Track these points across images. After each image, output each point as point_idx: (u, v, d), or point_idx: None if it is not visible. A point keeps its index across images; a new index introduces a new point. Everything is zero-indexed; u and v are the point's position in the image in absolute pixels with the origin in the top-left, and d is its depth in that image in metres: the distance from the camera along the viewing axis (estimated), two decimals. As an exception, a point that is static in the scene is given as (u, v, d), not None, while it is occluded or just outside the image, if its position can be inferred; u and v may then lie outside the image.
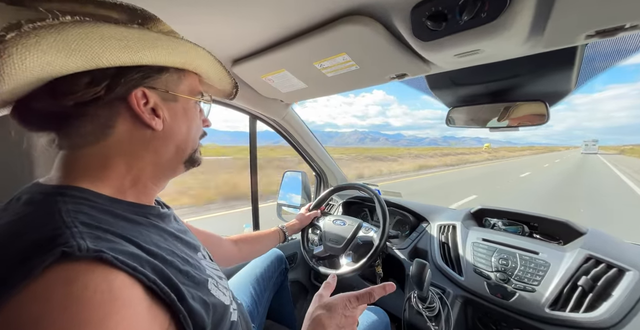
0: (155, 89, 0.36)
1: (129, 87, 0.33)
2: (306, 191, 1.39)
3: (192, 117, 0.41)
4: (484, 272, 0.79)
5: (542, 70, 0.69)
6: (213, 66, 0.42)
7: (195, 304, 0.31)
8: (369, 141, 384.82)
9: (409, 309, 0.84)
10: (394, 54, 0.62)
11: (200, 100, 0.43)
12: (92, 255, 0.24)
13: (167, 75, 0.37)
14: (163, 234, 0.36)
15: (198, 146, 0.44)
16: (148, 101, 0.35)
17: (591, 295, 0.62)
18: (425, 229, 1.05)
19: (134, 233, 0.31)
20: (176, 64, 0.37)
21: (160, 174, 0.40)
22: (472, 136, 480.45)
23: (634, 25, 0.42)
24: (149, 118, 0.35)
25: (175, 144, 0.39)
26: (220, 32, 0.62)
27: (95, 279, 0.23)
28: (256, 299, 0.82)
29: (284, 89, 0.90)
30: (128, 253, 0.27)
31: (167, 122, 0.37)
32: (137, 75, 0.33)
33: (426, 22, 0.48)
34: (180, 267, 0.33)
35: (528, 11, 0.43)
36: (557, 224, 0.84)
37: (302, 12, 0.54)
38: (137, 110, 0.34)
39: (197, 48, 0.37)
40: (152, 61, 0.33)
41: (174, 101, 0.38)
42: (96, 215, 0.30)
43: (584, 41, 0.48)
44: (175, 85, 0.38)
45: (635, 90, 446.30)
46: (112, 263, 0.25)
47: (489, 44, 0.51)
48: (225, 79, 0.47)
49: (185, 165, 0.42)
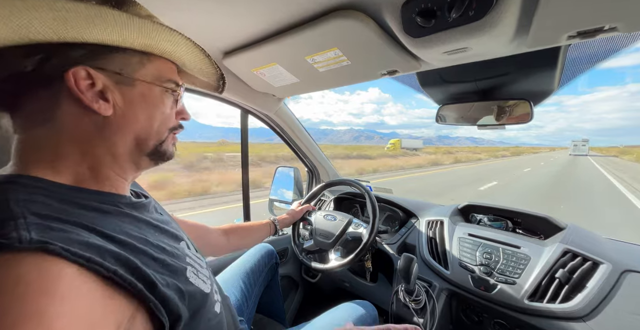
0: (104, 69, 0.32)
1: (65, 64, 0.30)
2: (298, 187, 1.39)
3: (155, 105, 0.38)
4: (469, 266, 0.81)
5: (527, 70, 0.71)
6: (190, 54, 0.39)
7: (168, 291, 0.30)
8: (364, 139, 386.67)
9: (396, 302, 0.86)
10: (385, 49, 0.62)
11: (164, 87, 0.38)
12: (33, 247, 0.23)
13: (122, 56, 0.34)
14: (136, 223, 0.35)
15: (166, 138, 0.40)
16: (95, 83, 0.32)
17: (567, 287, 0.66)
18: (414, 224, 1.07)
19: (99, 222, 0.30)
20: (135, 45, 0.34)
21: (123, 165, 0.37)
22: (466, 135, 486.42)
23: (613, 27, 0.44)
24: (91, 100, 0.32)
25: (133, 133, 0.36)
26: (211, 24, 0.61)
27: (26, 271, 0.22)
28: (246, 293, 0.82)
29: (276, 83, 0.90)
30: (84, 243, 0.26)
31: (118, 107, 0.34)
32: (78, 53, 0.31)
33: (416, 18, 0.49)
34: (154, 255, 0.32)
35: (513, 11, 0.44)
36: (538, 220, 0.88)
37: (293, 5, 0.53)
38: (74, 90, 0.31)
39: (171, 32, 0.34)
40: (98, 39, 0.31)
41: (129, 85, 0.35)
42: (53, 205, 0.28)
43: (567, 42, 0.50)
44: (132, 68, 0.35)
45: (625, 93, 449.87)
46: (59, 254, 0.24)
47: (477, 42, 0.52)
48: (207, 69, 0.43)
49: (151, 158, 0.39)
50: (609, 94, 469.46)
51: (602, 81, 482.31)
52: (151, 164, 0.40)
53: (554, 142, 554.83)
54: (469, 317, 0.83)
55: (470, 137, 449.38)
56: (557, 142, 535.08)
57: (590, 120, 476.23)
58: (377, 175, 13.45)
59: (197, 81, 0.47)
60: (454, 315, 0.87)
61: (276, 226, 0.92)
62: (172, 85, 0.39)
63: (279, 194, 1.42)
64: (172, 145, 0.42)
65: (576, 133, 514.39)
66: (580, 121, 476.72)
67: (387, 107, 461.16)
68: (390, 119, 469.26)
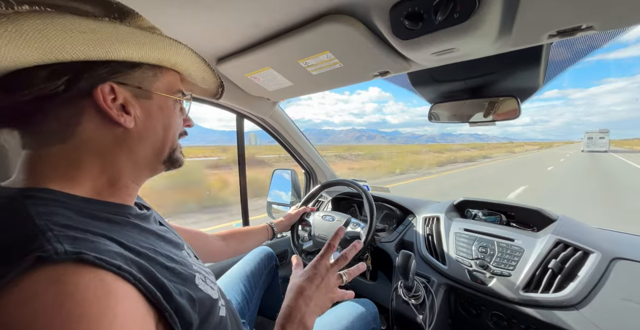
0: (126, 84, 0.34)
1: (93, 82, 0.31)
2: (296, 189, 1.40)
3: (169, 115, 0.40)
4: (465, 260, 0.83)
5: (512, 68, 0.73)
6: (195, 64, 0.41)
7: (182, 300, 0.31)
8: (366, 139, 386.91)
9: (396, 299, 0.87)
10: (376, 52, 0.64)
11: (177, 98, 0.41)
12: (71, 258, 0.23)
13: (140, 71, 0.35)
14: (144, 234, 0.36)
15: (177, 146, 0.43)
16: (117, 97, 0.33)
17: (560, 276, 0.68)
18: (411, 221, 1.09)
19: (115, 233, 0.31)
20: (150, 60, 0.35)
21: (141, 173, 0.39)
22: (470, 133, 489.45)
23: (589, 26, 0.46)
24: (117, 114, 0.33)
25: (152, 143, 0.38)
26: (203, 30, 0.62)
27: (83, 278, 0.23)
28: (247, 296, 0.82)
29: (270, 87, 0.91)
30: (112, 252, 0.27)
31: (139, 119, 0.36)
32: (103, 71, 0.32)
33: (404, 21, 0.51)
34: (166, 264, 0.33)
35: (496, 12, 0.46)
36: (531, 212, 0.90)
37: (284, 11, 0.55)
38: (103, 106, 0.32)
39: (178, 45, 0.36)
40: (122, 56, 0.32)
41: (147, 98, 0.37)
42: (72, 217, 0.29)
43: (548, 40, 0.52)
44: (149, 82, 0.37)
45: (634, 84, 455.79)
46: (94, 263, 0.24)
47: (463, 43, 0.54)
48: (209, 78, 0.46)
49: (165, 164, 0.41)
50: (617, 85, 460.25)
51: (609, 73, 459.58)
52: (163, 171, 0.43)
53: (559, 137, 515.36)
54: (467, 310, 0.85)
55: (474, 134, 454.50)
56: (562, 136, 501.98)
57: (597, 113, 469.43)
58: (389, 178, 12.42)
59: (195, 88, 0.49)
60: (453, 310, 0.88)
61: (274, 230, 0.92)
62: (180, 95, 0.42)
63: (276, 197, 1.43)
64: (180, 152, 0.44)
65: (584, 126, 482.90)
66: (588, 114, 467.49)
67: (388, 105, 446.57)
68: (392, 117, 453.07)
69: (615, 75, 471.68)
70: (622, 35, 0.56)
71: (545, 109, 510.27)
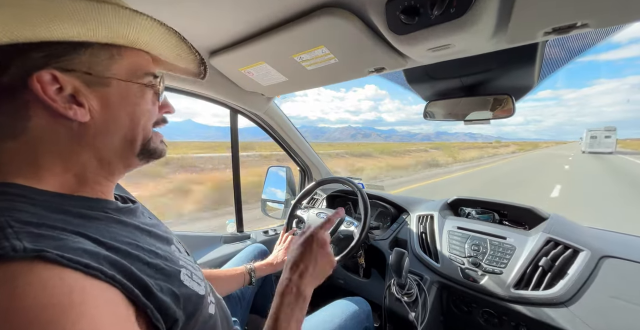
0: (72, 71, 0.29)
1: (25, 69, 0.27)
2: (290, 186, 1.39)
3: (136, 103, 0.35)
4: (458, 258, 0.83)
5: (508, 66, 0.73)
6: (163, 40, 0.35)
7: (164, 296, 0.30)
8: (361, 137, 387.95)
9: (389, 297, 0.88)
10: (372, 47, 0.63)
11: (142, 83, 0.35)
12: (30, 255, 0.22)
13: (88, 53, 0.30)
14: (125, 228, 0.34)
15: (152, 135, 0.38)
16: (62, 87, 0.29)
17: (550, 274, 0.68)
18: (405, 219, 1.09)
19: (90, 229, 0.29)
20: (99, 38, 0.30)
21: (111, 169, 0.36)
22: (465, 131, 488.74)
23: (584, 24, 0.46)
24: (64, 107, 0.29)
25: (117, 136, 0.34)
26: (196, 22, 0.60)
27: (39, 277, 0.22)
28: (239, 293, 0.82)
29: (264, 82, 0.89)
30: (80, 249, 0.25)
31: (96, 111, 0.31)
32: (37, 55, 0.27)
33: (400, 15, 0.50)
34: (148, 260, 0.31)
35: (492, 8, 0.45)
36: (523, 211, 0.91)
37: (279, 4, 0.53)
38: (43, 98, 0.27)
39: (135, 16, 0.30)
40: (57, 36, 0.27)
41: (104, 86, 0.32)
42: (39, 213, 0.27)
43: (543, 38, 0.52)
44: (104, 66, 0.31)
45: (625, 85, 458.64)
46: (57, 261, 0.23)
47: (459, 39, 0.53)
48: (185, 55, 0.39)
49: (140, 157, 0.37)
50: (609, 86, 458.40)
51: (601, 74, 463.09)
52: (141, 164, 0.39)
53: (552, 137, 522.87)
54: (459, 307, 0.86)
55: (469, 133, 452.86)
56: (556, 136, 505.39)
57: (590, 114, 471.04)
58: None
59: (175, 68, 0.43)
60: (445, 307, 0.89)
61: (251, 277, 0.77)
62: (150, 79, 0.36)
63: (271, 194, 1.42)
64: (160, 142, 0.40)
65: (575, 127, 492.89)
66: (580, 115, 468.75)
67: (384, 103, 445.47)
68: (388, 115, 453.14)
69: (607, 76, 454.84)
70: (616, 34, 0.56)
71: (538, 108, 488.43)
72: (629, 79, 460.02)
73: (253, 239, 1.22)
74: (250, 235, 1.24)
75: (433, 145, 55.01)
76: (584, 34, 0.52)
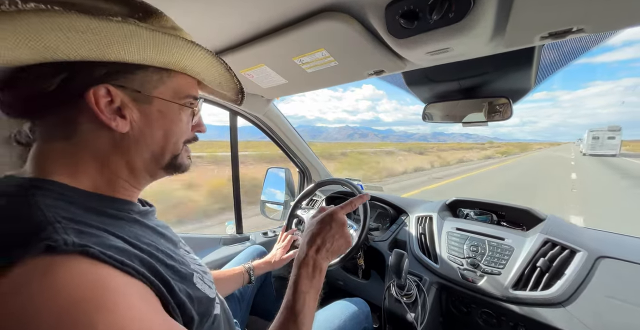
0: (125, 87, 0.33)
1: (87, 83, 0.30)
2: (289, 187, 1.39)
3: (172, 120, 0.38)
4: (457, 259, 0.84)
5: (505, 69, 0.74)
6: (209, 69, 0.39)
7: (182, 296, 0.32)
8: (358, 137, 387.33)
9: (389, 298, 0.88)
10: (371, 50, 0.63)
11: (181, 104, 0.38)
12: (77, 250, 0.24)
13: (143, 74, 0.34)
14: (146, 230, 0.36)
15: (182, 151, 0.40)
16: (113, 100, 0.32)
17: (547, 274, 0.69)
18: (404, 221, 1.09)
19: (118, 228, 0.31)
20: (155, 62, 0.34)
21: (138, 178, 0.38)
22: (461, 132, 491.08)
23: (580, 29, 0.47)
24: (109, 118, 0.32)
25: (150, 149, 0.37)
26: (196, 25, 0.60)
27: (82, 271, 0.23)
28: (238, 295, 0.82)
29: (264, 85, 0.90)
30: (115, 247, 0.27)
31: (136, 124, 0.34)
32: (101, 72, 0.31)
33: (399, 20, 0.50)
34: (166, 262, 0.33)
35: (490, 13, 0.46)
36: (520, 212, 0.92)
37: (279, 7, 0.54)
38: (94, 109, 0.31)
39: (190, 47, 0.34)
40: (121, 58, 0.31)
41: (148, 103, 0.35)
42: (76, 211, 0.29)
43: (540, 42, 0.53)
44: (152, 86, 0.35)
45: (619, 87, 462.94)
46: (98, 257, 0.25)
47: (458, 43, 0.54)
48: (227, 83, 0.44)
49: (166, 170, 0.40)
50: (603, 88, 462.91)
51: (595, 76, 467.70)
52: (165, 175, 0.41)
53: (547, 138, 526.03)
54: (458, 308, 0.86)
55: (465, 134, 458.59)
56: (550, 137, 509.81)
57: (584, 116, 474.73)
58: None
59: (216, 92, 0.47)
60: (444, 308, 0.89)
61: (250, 275, 0.80)
62: (190, 100, 0.39)
63: (270, 195, 1.42)
64: (187, 158, 0.42)
65: (570, 128, 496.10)
66: (574, 116, 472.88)
67: (381, 103, 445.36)
68: (386, 115, 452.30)
69: (602, 78, 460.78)
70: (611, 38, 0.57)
71: (534, 110, 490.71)
72: (623, 81, 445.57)
73: (252, 240, 1.22)
74: (249, 236, 1.24)
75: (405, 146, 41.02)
76: (580, 37, 0.52)
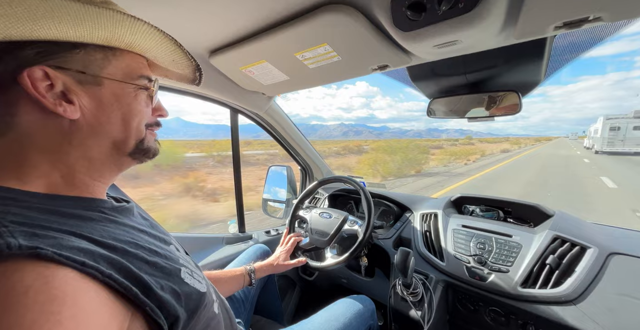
0: (65, 68, 0.29)
1: (18, 65, 0.27)
2: (292, 185, 1.38)
3: (129, 104, 0.35)
4: (463, 257, 0.83)
5: (515, 62, 0.72)
6: (160, 45, 0.35)
7: (164, 294, 0.30)
8: (353, 134, 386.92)
9: (394, 296, 0.87)
10: (375, 44, 0.61)
11: (135, 84, 0.35)
12: (25, 253, 0.22)
13: (83, 53, 0.30)
14: (123, 228, 0.34)
15: (147, 134, 0.38)
16: (53, 84, 0.29)
17: (557, 272, 0.68)
18: (408, 218, 1.08)
19: (86, 228, 0.29)
20: (95, 40, 0.30)
21: (101, 169, 0.35)
22: (455, 128, 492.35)
23: (597, 17, 0.44)
24: (53, 104, 0.29)
25: (109, 136, 0.34)
26: (195, 20, 0.58)
27: (28, 277, 0.21)
28: (242, 295, 0.81)
29: (265, 81, 0.88)
30: (76, 248, 0.25)
31: (87, 109, 0.31)
32: (31, 52, 0.27)
33: (406, 11, 0.48)
34: (147, 259, 0.31)
35: (502, 2, 0.44)
36: (528, 208, 0.90)
37: (281, 0, 0.52)
38: (32, 93, 0.28)
39: (133, 21, 0.30)
40: (53, 35, 0.27)
41: (96, 85, 0.32)
42: (30, 214, 0.27)
43: (553, 32, 0.51)
44: (98, 66, 0.32)
45: (607, 81, 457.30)
46: (52, 259, 0.23)
47: (467, 35, 0.52)
48: (181, 60, 0.40)
49: (133, 156, 0.37)
50: (591, 83, 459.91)
51: (584, 71, 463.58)
52: (134, 163, 0.39)
53: (539, 132, 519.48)
54: (465, 306, 0.85)
55: (459, 130, 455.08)
56: (542, 132, 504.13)
57: (573, 110, 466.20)
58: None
59: (170, 73, 0.43)
60: (451, 306, 0.89)
61: (251, 278, 0.78)
62: (144, 82, 0.36)
63: (272, 193, 1.41)
64: (154, 141, 0.40)
65: (560, 123, 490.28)
66: (564, 111, 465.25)
67: (376, 100, 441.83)
68: (380, 112, 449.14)
69: (591, 72, 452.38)
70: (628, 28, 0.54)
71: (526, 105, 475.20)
72: (610, 76, 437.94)
73: (255, 239, 1.22)
74: (252, 235, 1.23)
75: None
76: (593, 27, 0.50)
